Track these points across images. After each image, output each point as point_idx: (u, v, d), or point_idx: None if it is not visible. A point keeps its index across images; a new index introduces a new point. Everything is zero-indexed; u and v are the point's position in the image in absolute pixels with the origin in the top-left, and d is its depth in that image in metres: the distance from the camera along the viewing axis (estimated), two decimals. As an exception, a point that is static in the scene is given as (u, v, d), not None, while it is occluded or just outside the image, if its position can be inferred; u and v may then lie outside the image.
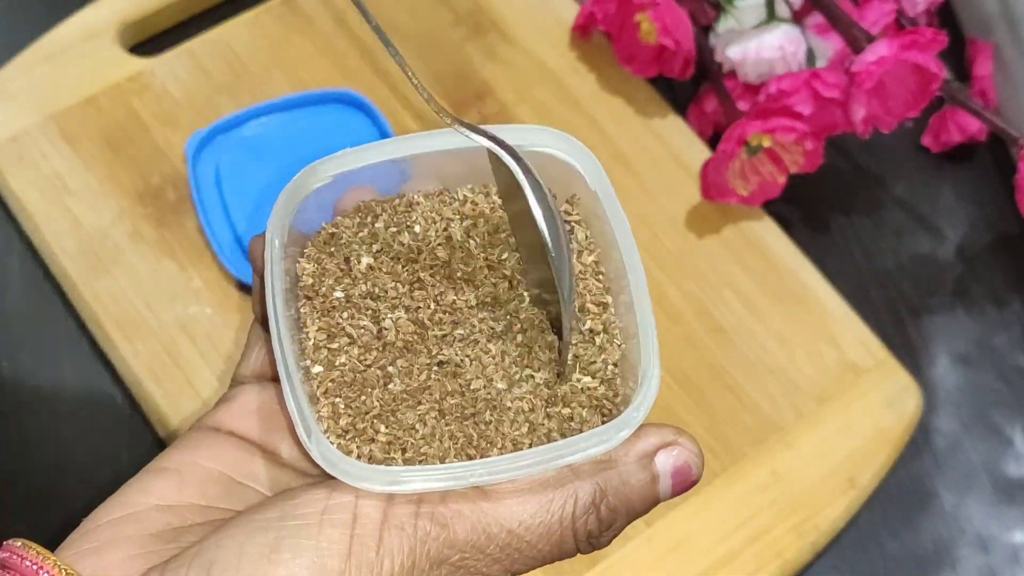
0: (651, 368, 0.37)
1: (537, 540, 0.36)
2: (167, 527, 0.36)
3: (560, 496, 0.36)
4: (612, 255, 0.40)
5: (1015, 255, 0.65)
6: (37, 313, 0.60)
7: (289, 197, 0.39)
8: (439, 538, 0.35)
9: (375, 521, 0.34)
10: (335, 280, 0.39)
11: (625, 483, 0.37)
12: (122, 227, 0.60)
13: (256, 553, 0.34)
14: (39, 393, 0.58)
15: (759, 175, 0.61)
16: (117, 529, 0.35)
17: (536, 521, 0.35)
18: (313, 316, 0.39)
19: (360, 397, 0.37)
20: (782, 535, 0.55)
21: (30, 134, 0.62)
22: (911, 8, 0.65)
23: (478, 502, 0.35)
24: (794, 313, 0.60)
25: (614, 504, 0.36)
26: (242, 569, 0.33)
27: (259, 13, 0.66)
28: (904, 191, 0.67)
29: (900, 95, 0.60)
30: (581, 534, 0.36)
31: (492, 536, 0.35)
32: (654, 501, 0.38)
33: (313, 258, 0.40)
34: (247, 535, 0.34)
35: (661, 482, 0.37)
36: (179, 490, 0.37)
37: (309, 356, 0.38)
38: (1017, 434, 0.61)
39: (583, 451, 0.36)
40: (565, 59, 0.66)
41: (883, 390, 0.59)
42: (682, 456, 0.38)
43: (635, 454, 0.37)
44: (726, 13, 0.63)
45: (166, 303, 0.58)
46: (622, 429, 0.36)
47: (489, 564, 0.35)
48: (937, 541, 0.58)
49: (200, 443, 0.38)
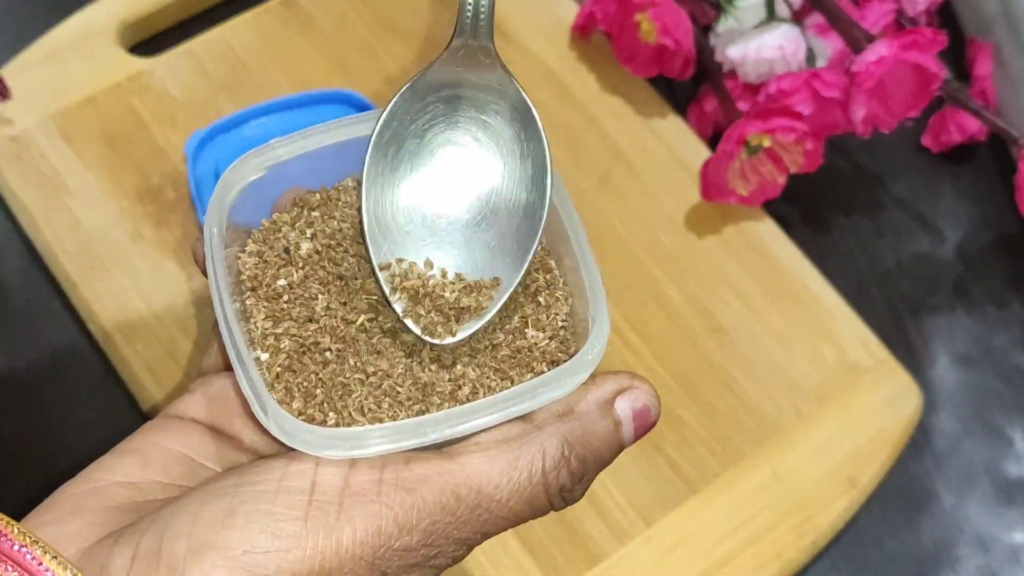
0: (599, 313, 0.37)
1: (508, 498, 0.35)
2: (128, 500, 0.36)
3: (528, 452, 0.35)
4: (551, 217, 0.40)
5: (1015, 255, 0.65)
6: (37, 312, 0.60)
7: (223, 190, 0.39)
8: (406, 503, 0.34)
9: (335, 488, 0.34)
10: (277, 269, 0.39)
11: (589, 432, 0.36)
12: (122, 227, 0.60)
13: (210, 518, 0.33)
14: (39, 392, 0.58)
15: (759, 175, 0.61)
16: (79, 501, 0.36)
17: (506, 479, 0.35)
18: (259, 305, 0.39)
19: (311, 377, 0.37)
20: (782, 535, 0.55)
21: (30, 134, 0.62)
22: (911, 8, 0.65)
23: (444, 463, 0.35)
24: (794, 313, 0.60)
25: (582, 454, 0.36)
26: (195, 534, 0.33)
27: (259, 13, 0.66)
28: (904, 191, 0.67)
29: (900, 95, 0.60)
30: (554, 489, 0.36)
31: (461, 498, 0.35)
32: (619, 447, 0.38)
33: (254, 252, 0.40)
34: (203, 502, 0.34)
35: (624, 427, 0.37)
36: (142, 468, 0.37)
37: (258, 344, 0.38)
38: (1017, 434, 0.61)
39: (541, 395, 0.36)
40: (565, 59, 0.66)
41: (883, 390, 0.59)
42: (640, 399, 0.37)
43: (595, 402, 0.37)
44: (726, 13, 0.63)
45: (166, 303, 0.58)
46: (578, 372, 0.36)
47: (460, 527, 0.35)
48: (937, 541, 0.58)
49: (164, 428, 0.38)
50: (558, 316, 0.39)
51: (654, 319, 0.60)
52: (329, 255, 0.40)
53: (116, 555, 0.34)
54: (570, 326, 0.39)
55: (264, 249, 0.40)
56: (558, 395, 0.36)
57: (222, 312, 0.37)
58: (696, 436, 0.57)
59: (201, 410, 0.39)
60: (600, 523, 0.55)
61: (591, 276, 0.38)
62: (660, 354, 0.59)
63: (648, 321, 0.60)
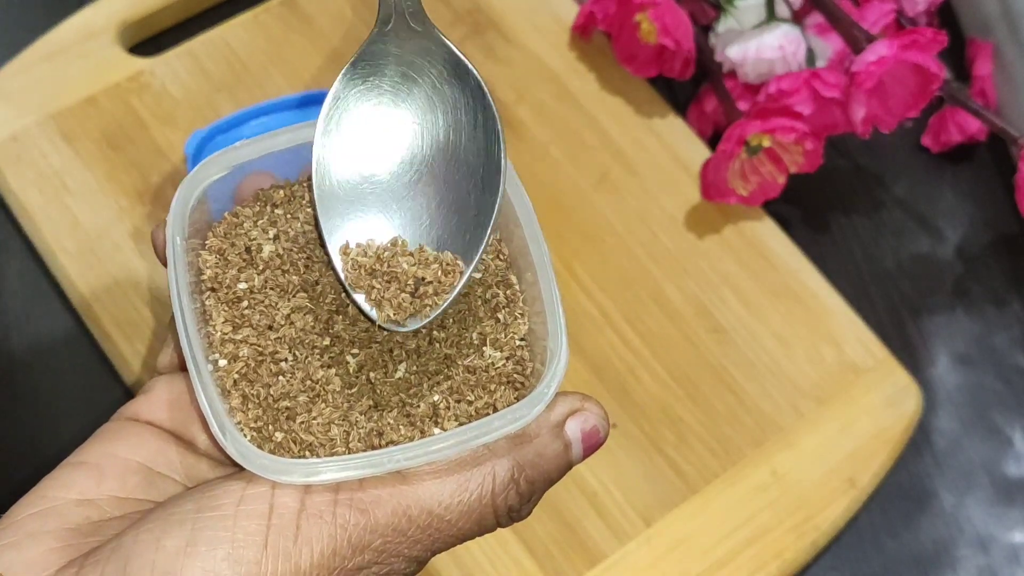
0: (558, 342, 0.37)
1: (457, 519, 0.36)
2: (86, 521, 0.36)
3: (478, 475, 0.36)
4: (514, 232, 0.40)
5: (1015, 255, 0.65)
6: (36, 312, 0.60)
7: (187, 191, 0.39)
8: (359, 524, 0.35)
9: (292, 511, 0.35)
10: (238, 270, 0.39)
11: (540, 455, 0.37)
12: (121, 226, 0.60)
13: (172, 547, 0.34)
14: (38, 392, 0.58)
15: (759, 175, 0.61)
16: (36, 524, 0.35)
17: (455, 500, 0.36)
18: (219, 308, 0.38)
19: (267, 388, 0.37)
20: (782, 535, 0.55)
21: (30, 133, 0.62)
22: (911, 8, 0.65)
23: (397, 486, 0.35)
24: (794, 313, 0.60)
25: (532, 476, 0.37)
26: (158, 564, 0.33)
27: (259, 13, 0.66)
28: (904, 191, 0.67)
29: (900, 95, 0.60)
30: (502, 510, 0.37)
31: (412, 519, 0.35)
32: (568, 466, 0.38)
33: (215, 249, 0.39)
34: (163, 529, 0.34)
35: (573, 448, 0.38)
36: (98, 483, 0.37)
37: (216, 349, 0.38)
38: (1017, 434, 0.61)
39: (498, 430, 0.36)
40: (565, 59, 0.66)
41: (883, 390, 0.59)
42: (589, 420, 0.38)
43: (547, 426, 0.37)
44: (726, 13, 0.63)
45: (165, 303, 0.58)
46: (535, 405, 0.36)
47: (411, 545, 0.36)
48: (937, 541, 0.58)
49: (118, 434, 0.38)
50: (515, 336, 0.39)
51: (654, 319, 0.60)
52: (291, 258, 0.39)
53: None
54: (527, 345, 0.39)
55: (225, 247, 0.39)
56: (514, 428, 0.36)
57: (181, 319, 0.37)
58: (696, 436, 0.57)
59: (156, 412, 0.39)
60: (600, 523, 0.55)
61: (551, 301, 0.38)
62: (660, 354, 0.59)
63: (648, 321, 0.60)
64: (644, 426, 0.57)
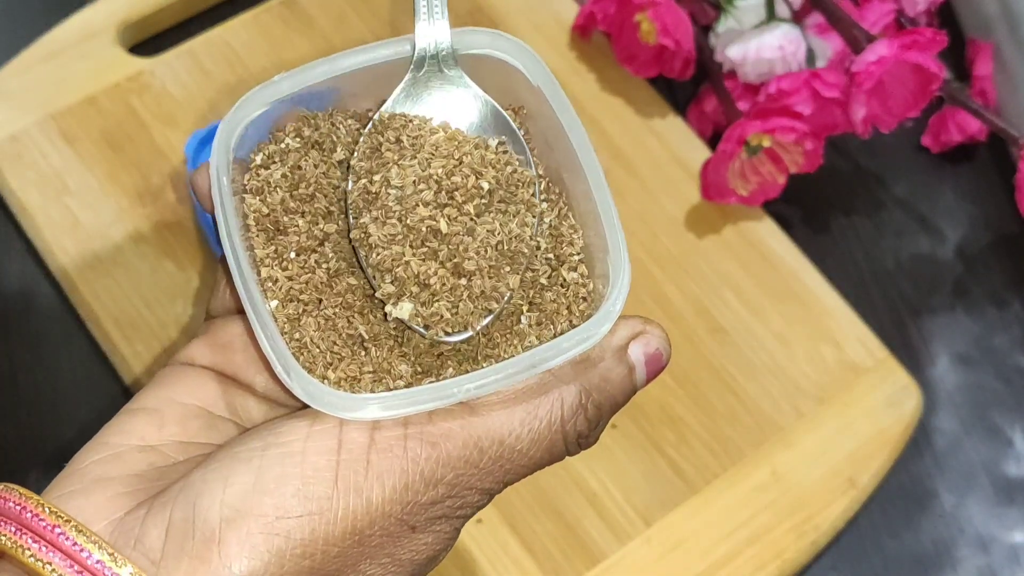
0: (620, 258, 0.36)
1: (528, 447, 0.36)
2: (151, 467, 0.35)
3: (546, 402, 0.36)
4: (563, 148, 0.38)
5: (1015, 255, 0.65)
6: (36, 313, 0.60)
7: (229, 127, 0.38)
8: (431, 457, 0.34)
9: (361, 446, 0.34)
10: (283, 216, 0.38)
11: (606, 379, 0.37)
12: (122, 227, 0.60)
13: (241, 484, 0.33)
14: (38, 392, 0.58)
15: (759, 175, 0.61)
16: (100, 469, 0.35)
17: (525, 429, 0.35)
18: (267, 250, 0.37)
19: (326, 332, 0.36)
20: (782, 535, 0.55)
21: (30, 133, 0.62)
22: (911, 8, 0.65)
23: (466, 418, 0.35)
24: (794, 313, 0.60)
25: (599, 401, 0.37)
26: (227, 502, 0.33)
27: (259, 13, 0.66)
28: (904, 191, 0.67)
29: (900, 95, 0.60)
30: (571, 436, 0.36)
31: (484, 450, 0.35)
32: (633, 391, 0.38)
33: (256, 190, 0.38)
34: (231, 467, 0.34)
35: (637, 371, 0.37)
36: (159, 429, 0.36)
37: (270, 291, 0.37)
38: (1017, 434, 0.61)
39: (567, 351, 0.35)
40: (565, 59, 0.66)
41: (883, 390, 0.59)
42: (652, 343, 0.38)
43: (611, 350, 0.37)
44: (726, 13, 0.63)
45: (165, 303, 0.58)
46: (602, 325, 0.36)
47: (483, 478, 0.35)
48: (937, 541, 0.58)
49: (176, 380, 0.38)
50: (573, 252, 0.38)
51: (654, 319, 0.60)
52: (337, 196, 0.38)
53: (149, 527, 0.33)
54: (587, 260, 0.38)
55: (266, 186, 0.38)
56: (584, 348, 0.36)
57: (235, 260, 0.36)
58: (696, 436, 0.57)
59: (212, 356, 0.38)
60: (600, 523, 0.55)
61: (608, 216, 0.37)
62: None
63: (648, 321, 0.60)
64: (644, 426, 0.57)
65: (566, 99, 0.38)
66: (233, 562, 0.33)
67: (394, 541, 0.35)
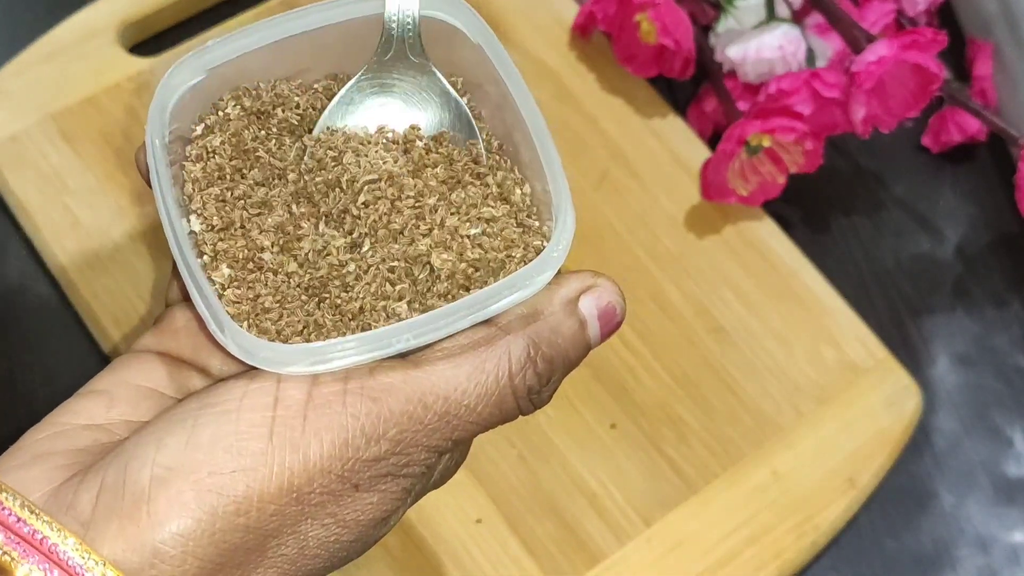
0: (563, 204, 0.36)
1: (476, 403, 0.35)
2: (95, 443, 0.35)
3: (493, 354, 0.35)
4: (507, 103, 0.38)
5: (1015, 255, 0.65)
6: (36, 312, 0.60)
7: (162, 95, 0.37)
8: (371, 412, 0.33)
9: (299, 402, 0.33)
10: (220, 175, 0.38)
11: (555, 331, 0.36)
12: (121, 226, 0.60)
13: (174, 443, 0.33)
14: (38, 392, 0.59)
15: (759, 175, 0.61)
16: (44, 446, 0.35)
17: (472, 384, 0.34)
18: (206, 209, 0.37)
19: (259, 281, 0.36)
20: (782, 535, 0.55)
21: (30, 133, 0.62)
22: (911, 8, 0.65)
23: (409, 371, 0.34)
24: (794, 313, 0.60)
25: (549, 355, 0.36)
26: (159, 461, 0.33)
27: (259, 13, 0.66)
28: (904, 191, 0.67)
29: (900, 95, 0.60)
30: (521, 391, 0.35)
31: (428, 406, 0.34)
32: (586, 347, 0.37)
33: (197, 158, 0.38)
34: (165, 429, 0.33)
35: (589, 326, 0.36)
36: (108, 408, 0.36)
37: (205, 252, 0.37)
38: (1017, 434, 0.61)
39: (506, 296, 0.35)
40: (565, 59, 0.66)
41: (883, 390, 0.59)
42: (604, 297, 0.37)
43: (559, 301, 0.36)
44: (726, 13, 0.64)
45: (165, 302, 0.58)
46: (544, 270, 0.35)
47: (429, 434, 0.34)
48: (937, 541, 0.58)
49: (130, 363, 0.37)
50: (523, 195, 0.38)
51: (654, 319, 0.60)
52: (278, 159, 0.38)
53: (82, 491, 0.33)
54: (534, 208, 0.38)
55: (206, 157, 0.38)
56: (524, 295, 0.35)
57: (170, 226, 0.36)
58: (696, 436, 0.57)
59: (167, 343, 0.38)
60: (600, 523, 0.55)
61: (551, 166, 0.37)
62: (660, 354, 0.59)
63: (648, 321, 0.60)
64: (644, 426, 0.57)
65: (507, 55, 0.38)
66: (163, 520, 0.32)
67: (336, 500, 0.34)
